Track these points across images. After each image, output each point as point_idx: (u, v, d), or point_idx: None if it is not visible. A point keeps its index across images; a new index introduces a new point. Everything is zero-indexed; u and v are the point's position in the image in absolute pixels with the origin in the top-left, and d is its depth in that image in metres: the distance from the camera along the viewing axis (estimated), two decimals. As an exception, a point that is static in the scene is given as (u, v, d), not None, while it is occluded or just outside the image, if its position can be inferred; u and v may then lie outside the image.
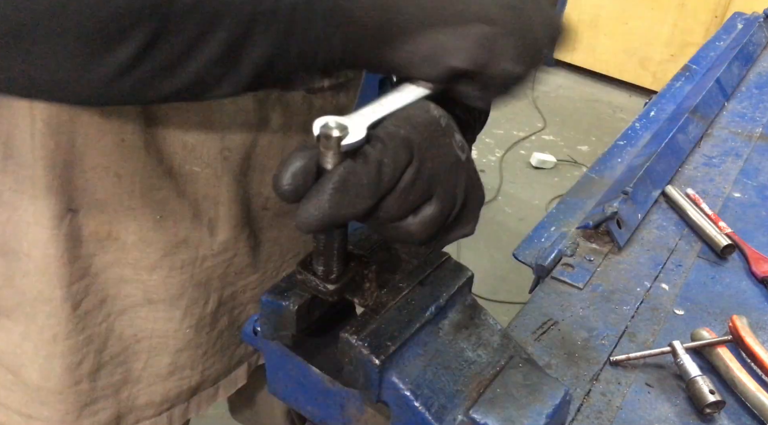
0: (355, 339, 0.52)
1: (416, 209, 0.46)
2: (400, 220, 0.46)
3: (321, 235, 0.48)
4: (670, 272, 1.03)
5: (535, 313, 0.92)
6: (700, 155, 1.34)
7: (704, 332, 0.87)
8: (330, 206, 0.42)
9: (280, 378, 0.64)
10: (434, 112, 0.49)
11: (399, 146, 0.44)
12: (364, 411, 0.59)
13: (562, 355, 0.86)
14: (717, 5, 3.72)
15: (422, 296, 0.57)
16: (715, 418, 0.79)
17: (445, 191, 0.47)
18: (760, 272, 1.02)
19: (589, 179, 1.26)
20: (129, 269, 0.74)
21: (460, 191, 0.49)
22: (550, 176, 3.38)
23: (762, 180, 1.27)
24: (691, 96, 1.49)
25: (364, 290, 0.54)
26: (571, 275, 1.00)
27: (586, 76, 4.32)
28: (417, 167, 0.45)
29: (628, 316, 0.93)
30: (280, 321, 0.57)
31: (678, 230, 1.12)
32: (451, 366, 0.56)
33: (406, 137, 0.45)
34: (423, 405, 0.53)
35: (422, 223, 0.47)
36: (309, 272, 0.50)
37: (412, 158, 0.45)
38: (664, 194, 1.19)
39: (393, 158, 0.44)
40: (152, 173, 0.69)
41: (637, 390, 0.82)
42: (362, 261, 0.52)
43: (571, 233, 1.08)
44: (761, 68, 1.73)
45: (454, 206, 0.49)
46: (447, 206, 0.48)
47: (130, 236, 0.72)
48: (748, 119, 1.49)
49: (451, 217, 0.49)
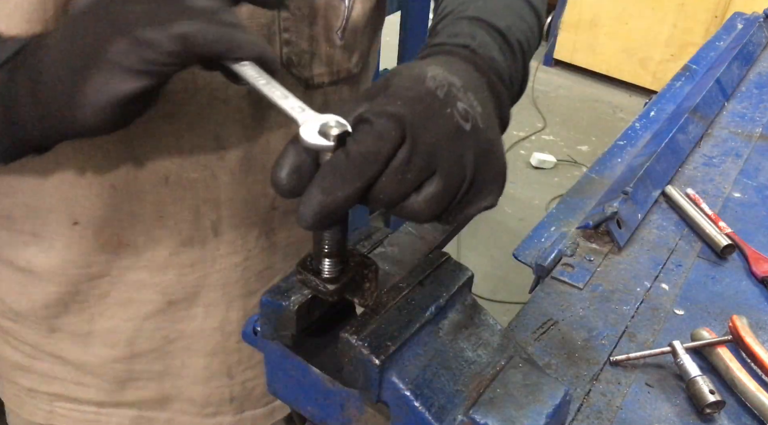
0: (355, 339, 0.52)
1: (419, 187, 0.45)
2: (403, 199, 0.45)
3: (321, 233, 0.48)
4: (670, 272, 1.03)
5: (535, 313, 0.92)
6: (700, 155, 1.34)
7: (704, 332, 0.87)
8: (321, 194, 0.41)
9: (280, 378, 0.64)
10: (429, 83, 0.46)
11: (386, 123, 0.43)
12: (364, 411, 0.59)
13: (562, 355, 0.86)
14: (717, 5, 3.72)
15: (422, 296, 0.57)
16: (715, 418, 0.79)
17: (448, 165, 0.45)
18: (760, 272, 1.02)
19: (589, 179, 1.26)
20: (145, 272, 0.76)
21: (468, 163, 0.46)
22: (550, 176, 3.38)
23: (762, 180, 1.27)
24: (691, 96, 1.49)
25: (364, 290, 0.54)
26: (571, 275, 1.00)
27: (586, 76, 4.32)
28: (411, 143, 0.43)
29: (628, 316, 0.93)
30: (280, 321, 0.57)
31: (678, 230, 1.12)
32: (451, 366, 0.56)
33: (394, 112, 0.44)
34: (423, 405, 0.53)
35: (426, 200, 0.45)
36: (309, 272, 0.50)
37: (405, 135, 0.43)
38: (664, 194, 1.19)
39: (379, 135, 0.43)
40: (145, 182, 0.69)
41: (637, 390, 0.82)
42: (362, 261, 0.52)
43: (571, 233, 1.08)
44: (761, 68, 1.72)
45: (463, 180, 0.46)
46: (453, 180, 0.45)
47: (139, 237, 0.73)
48: (748, 119, 1.49)
49: (461, 191, 0.46)
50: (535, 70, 4.28)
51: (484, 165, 0.47)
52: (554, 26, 4.27)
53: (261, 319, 0.59)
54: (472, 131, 0.47)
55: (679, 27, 3.89)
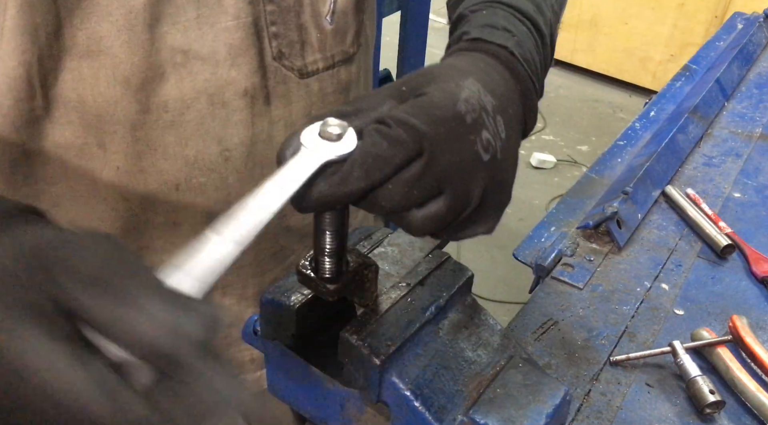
0: (355, 339, 0.52)
1: (423, 203, 0.45)
2: (403, 210, 0.45)
3: (321, 232, 0.48)
4: (670, 272, 1.03)
5: (535, 313, 0.92)
6: (700, 155, 1.34)
7: (704, 332, 0.87)
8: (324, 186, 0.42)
9: (280, 378, 0.64)
10: (461, 106, 0.46)
11: (404, 134, 0.43)
12: (364, 411, 0.59)
13: (562, 355, 0.86)
14: (717, 5, 3.72)
15: (422, 296, 0.57)
16: (715, 418, 0.79)
17: (457, 190, 0.45)
18: (760, 272, 1.02)
19: (589, 179, 1.26)
20: None
21: (477, 192, 0.46)
22: (550, 176, 3.38)
23: (762, 180, 1.27)
24: (691, 96, 1.49)
25: (364, 290, 0.54)
26: (571, 275, 1.00)
27: (586, 76, 4.32)
28: (427, 161, 0.43)
29: (628, 316, 0.93)
30: (280, 321, 0.57)
31: (678, 230, 1.12)
32: (451, 366, 0.56)
33: (415, 126, 0.43)
34: (423, 405, 0.53)
35: (426, 218, 0.45)
36: (309, 272, 0.50)
37: (423, 151, 0.43)
38: (664, 194, 1.19)
39: (395, 142, 0.42)
40: (157, 192, 0.70)
41: (637, 390, 0.82)
42: (362, 261, 0.52)
43: (571, 233, 1.08)
44: (761, 68, 1.72)
45: (467, 206, 0.46)
46: (457, 205, 0.45)
47: (157, 242, 0.74)
48: (748, 119, 1.49)
49: (462, 216, 0.47)
50: (535, 70, 4.28)
51: (492, 196, 0.48)
52: (554, 26, 4.27)
53: (261, 319, 0.59)
54: (490, 162, 0.46)
55: (679, 27, 3.89)
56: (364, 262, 0.52)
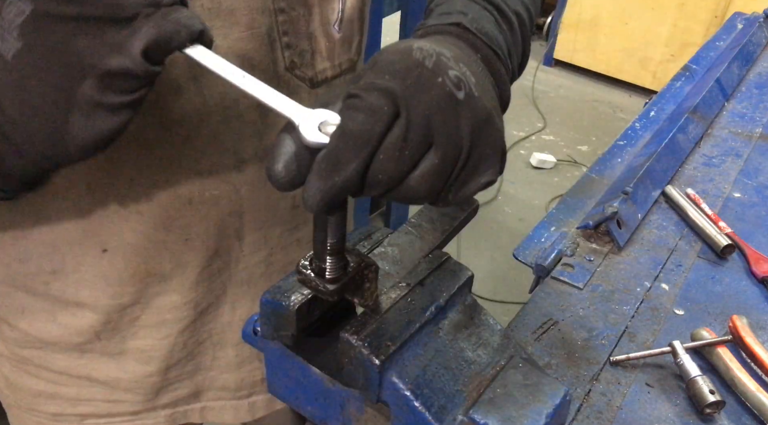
0: (355, 339, 0.52)
1: (416, 164, 0.43)
2: (402, 178, 0.43)
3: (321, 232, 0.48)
4: (670, 272, 1.03)
5: (535, 313, 0.92)
6: (700, 155, 1.34)
7: (704, 332, 0.87)
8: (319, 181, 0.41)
9: (280, 378, 0.64)
10: (416, 55, 0.44)
11: (378, 98, 0.41)
12: (364, 411, 0.59)
13: (562, 355, 0.86)
14: (717, 5, 3.72)
15: (422, 296, 0.57)
16: (715, 418, 0.79)
17: (444, 137, 0.43)
18: (760, 272, 1.02)
19: (589, 179, 1.26)
20: (176, 295, 0.77)
21: (465, 133, 0.44)
22: (550, 176, 3.38)
23: (762, 180, 1.27)
24: (691, 96, 1.49)
25: (364, 290, 0.54)
26: (571, 275, 1.00)
27: (586, 76, 4.32)
28: (406, 117, 0.42)
29: (628, 316, 0.93)
30: (280, 321, 0.57)
31: (678, 230, 1.12)
32: (451, 366, 0.56)
33: (384, 86, 0.42)
34: (423, 405, 0.53)
35: (424, 176, 0.43)
36: (309, 271, 0.50)
37: (398, 109, 0.42)
38: (664, 194, 1.19)
39: (371, 111, 0.41)
40: (170, 206, 0.70)
41: (637, 390, 0.82)
42: (362, 261, 0.52)
43: (571, 233, 1.08)
44: (761, 68, 1.72)
45: (460, 151, 0.44)
46: (450, 152, 0.43)
47: (166, 265, 0.74)
48: (748, 119, 1.49)
49: (459, 164, 0.45)
50: (535, 70, 4.28)
51: (482, 136, 0.45)
52: (554, 26, 4.27)
53: (261, 319, 0.59)
54: (467, 99, 0.44)
55: (679, 27, 3.89)
56: (364, 262, 0.52)
